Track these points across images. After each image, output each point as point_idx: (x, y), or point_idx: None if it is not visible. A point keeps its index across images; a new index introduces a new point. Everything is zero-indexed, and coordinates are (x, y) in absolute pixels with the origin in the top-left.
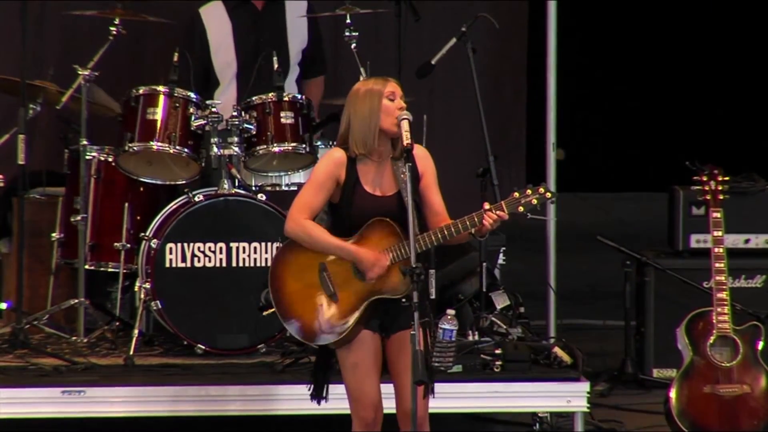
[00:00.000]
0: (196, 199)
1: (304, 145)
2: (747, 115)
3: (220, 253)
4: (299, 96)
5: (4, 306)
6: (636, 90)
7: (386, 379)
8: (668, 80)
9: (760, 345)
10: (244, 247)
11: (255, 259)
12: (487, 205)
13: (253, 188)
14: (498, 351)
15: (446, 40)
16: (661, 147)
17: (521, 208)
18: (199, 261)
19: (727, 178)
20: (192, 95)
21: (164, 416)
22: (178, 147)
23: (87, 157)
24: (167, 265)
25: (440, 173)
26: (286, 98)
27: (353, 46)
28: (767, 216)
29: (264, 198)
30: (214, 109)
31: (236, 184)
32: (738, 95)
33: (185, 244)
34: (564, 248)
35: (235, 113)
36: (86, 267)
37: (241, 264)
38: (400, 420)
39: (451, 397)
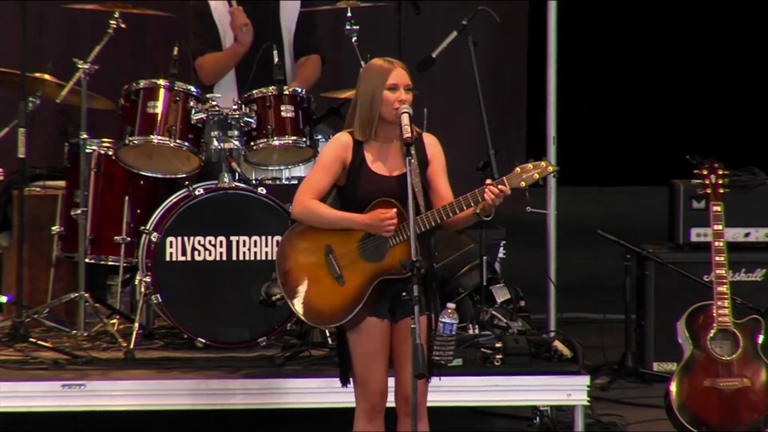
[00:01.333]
0: (197, 192)
1: (304, 139)
2: (747, 109)
3: (221, 246)
4: (299, 90)
5: (4, 299)
6: (636, 84)
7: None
8: (668, 74)
9: (761, 339)
10: (244, 241)
11: (255, 253)
12: (489, 182)
13: (254, 182)
14: (498, 344)
15: (447, 34)
16: (662, 141)
17: (523, 183)
18: (199, 254)
19: (727, 172)
20: (192, 88)
21: (164, 410)
22: (178, 140)
23: (87, 151)
24: (167, 258)
25: None
26: (286, 92)
27: (354, 39)
28: (767, 210)
29: (264, 191)
30: (214, 103)
31: (236, 177)
32: (738, 89)
33: (185, 238)
34: (564, 242)
35: (235, 107)
36: (86, 260)
37: (241, 257)
38: (398, 404)
39: (452, 391)
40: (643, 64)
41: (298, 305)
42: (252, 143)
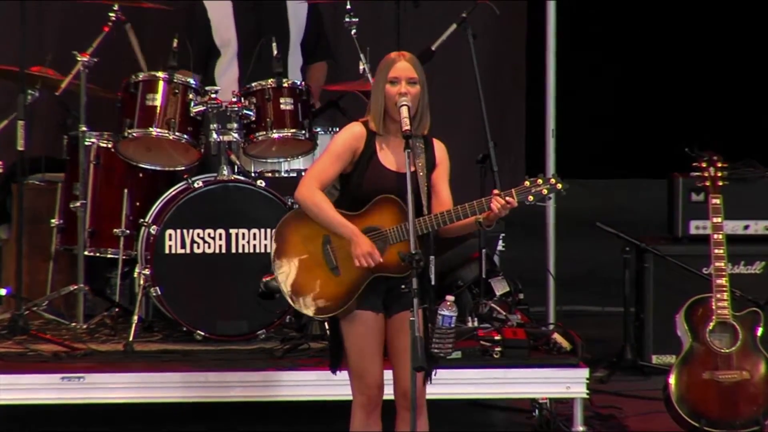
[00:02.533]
0: (196, 185)
1: (303, 132)
2: (747, 102)
3: (220, 239)
4: (298, 82)
5: (3, 292)
6: (635, 76)
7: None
8: (667, 67)
9: (760, 331)
10: (243, 234)
11: (254, 246)
12: (496, 192)
13: (253, 174)
14: (497, 337)
15: (446, 26)
16: (661, 133)
17: (531, 198)
18: (198, 247)
19: (726, 165)
20: (191, 81)
21: (163, 402)
22: (177, 133)
23: (86, 144)
24: (166, 251)
25: None
26: (285, 84)
27: (353, 32)
28: (766, 202)
29: (263, 184)
30: (213, 95)
31: (235, 170)
32: (738, 82)
33: (184, 231)
34: (563, 235)
35: (234, 99)
36: (85, 253)
37: (240, 250)
38: (397, 399)
39: (451, 384)
40: (643, 56)
41: (289, 290)
42: (251, 136)
